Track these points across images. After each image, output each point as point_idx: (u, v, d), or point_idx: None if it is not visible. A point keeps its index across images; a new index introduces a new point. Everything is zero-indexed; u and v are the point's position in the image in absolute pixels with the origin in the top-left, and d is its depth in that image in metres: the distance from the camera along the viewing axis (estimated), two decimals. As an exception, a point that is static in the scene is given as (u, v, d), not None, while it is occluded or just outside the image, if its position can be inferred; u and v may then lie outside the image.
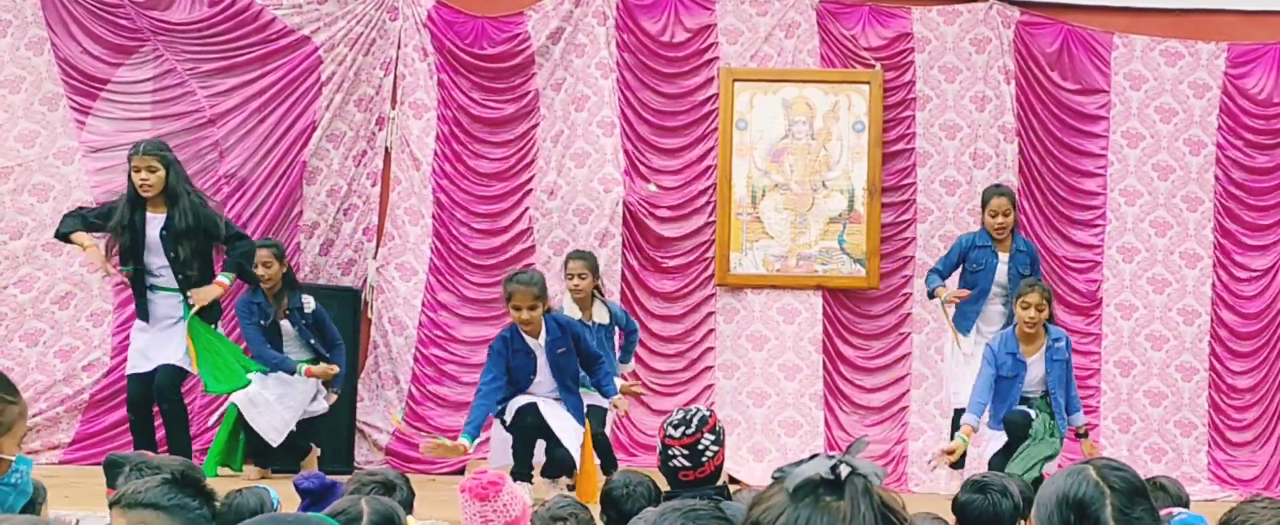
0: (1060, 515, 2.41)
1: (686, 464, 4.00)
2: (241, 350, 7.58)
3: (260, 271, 7.48)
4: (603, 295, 7.58)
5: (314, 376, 7.47)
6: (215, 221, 7.28)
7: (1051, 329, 7.37)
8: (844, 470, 1.56)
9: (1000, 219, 7.79)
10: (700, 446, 4.00)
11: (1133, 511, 2.38)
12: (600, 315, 7.39)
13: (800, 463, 1.60)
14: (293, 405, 7.45)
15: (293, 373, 7.43)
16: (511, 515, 3.73)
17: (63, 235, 7.32)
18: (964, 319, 7.90)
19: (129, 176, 7.17)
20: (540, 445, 6.77)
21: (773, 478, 1.66)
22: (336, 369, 7.53)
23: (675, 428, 4.04)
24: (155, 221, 7.14)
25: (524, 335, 6.75)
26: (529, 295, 6.64)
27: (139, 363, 7.22)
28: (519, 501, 3.76)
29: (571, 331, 6.86)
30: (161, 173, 7.10)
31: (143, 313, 7.25)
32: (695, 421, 4.05)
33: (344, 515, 3.07)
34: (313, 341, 7.53)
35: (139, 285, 7.24)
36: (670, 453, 4.02)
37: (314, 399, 7.54)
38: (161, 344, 7.17)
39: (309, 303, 7.57)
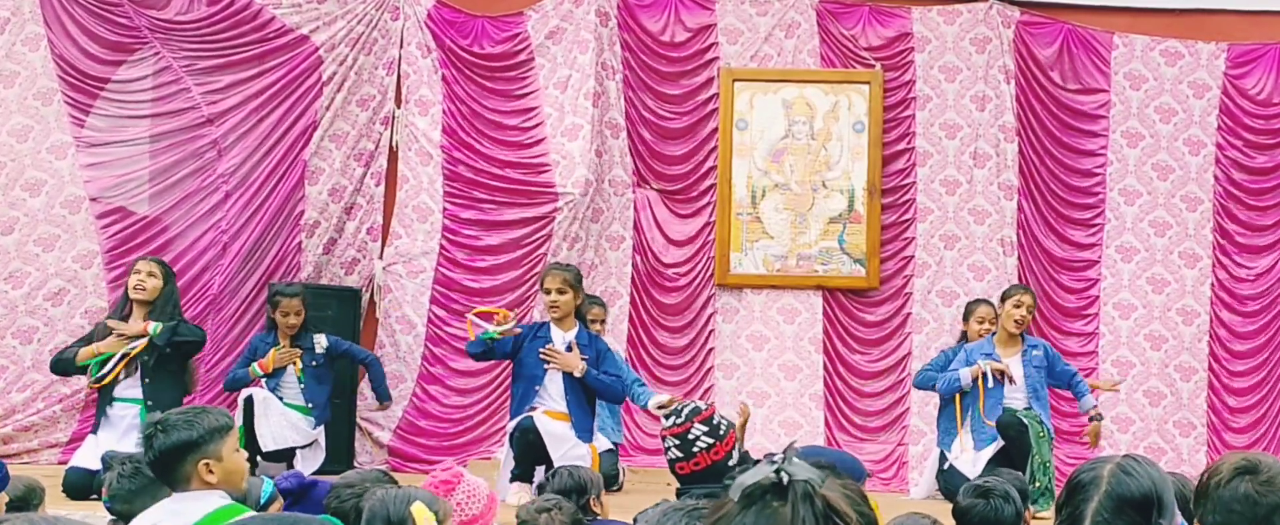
0: (1064, 488, 2.50)
1: (679, 455, 3.99)
2: None
3: (292, 320, 7.37)
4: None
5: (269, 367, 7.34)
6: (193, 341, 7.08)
7: (1027, 338, 7.51)
8: (784, 477, 1.59)
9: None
10: (690, 436, 3.98)
11: (1111, 518, 2.35)
12: None
13: (747, 467, 1.64)
14: (297, 428, 7.41)
15: (249, 381, 7.33)
16: (470, 513, 3.67)
17: (71, 366, 7.08)
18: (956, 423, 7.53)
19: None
20: (539, 476, 6.72)
21: (723, 483, 1.70)
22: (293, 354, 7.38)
23: (666, 418, 4.08)
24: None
25: (552, 327, 6.89)
26: (560, 278, 6.85)
27: (87, 457, 6.72)
28: (479, 499, 3.70)
29: (597, 346, 6.92)
30: (160, 282, 7.03)
31: (97, 424, 6.99)
32: (686, 412, 4.05)
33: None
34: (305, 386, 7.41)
35: (101, 398, 7.02)
36: (665, 444, 4.05)
37: (311, 444, 7.48)
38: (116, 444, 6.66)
39: (320, 342, 7.44)
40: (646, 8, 8.74)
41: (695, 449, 3.97)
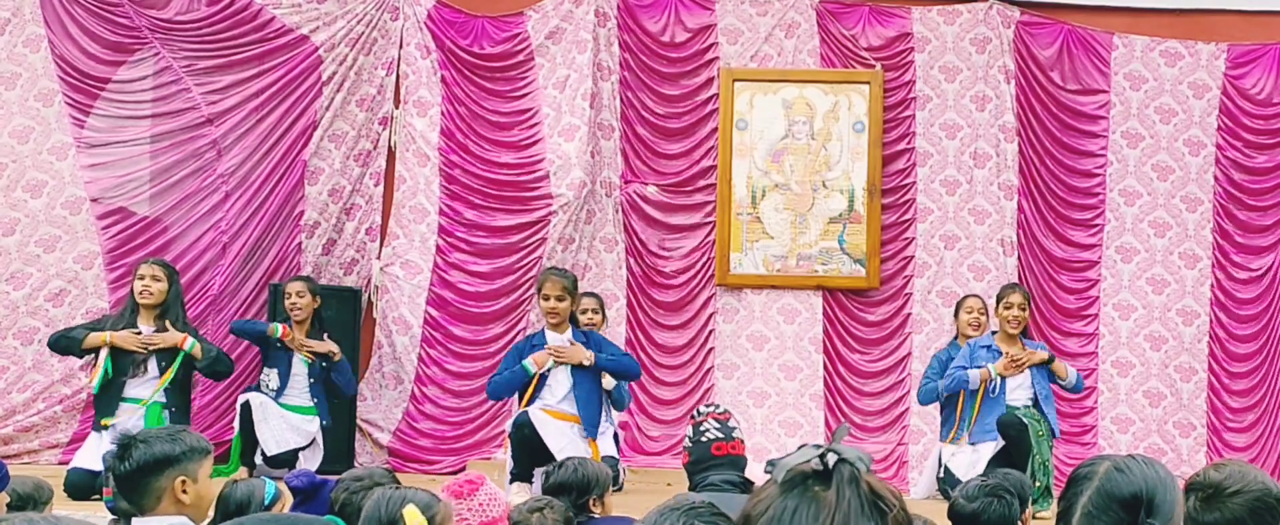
0: (1065, 482, 2.53)
1: (719, 435, 4.29)
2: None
3: (293, 300, 7.49)
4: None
5: (287, 340, 7.47)
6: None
7: (1031, 342, 7.54)
8: (831, 459, 1.55)
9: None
10: (730, 424, 4.36)
11: (1098, 514, 2.37)
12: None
13: (790, 453, 1.59)
14: (298, 429, 7.44)
15: (265, 333, 7.49)
16: (489, 516, 3.73)
17: (75, 346, 7.10)
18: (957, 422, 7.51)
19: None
20: (540, 477, 6.74)
21: (765, 469, 1.66)
22: (333, 350, 7.51)
23: (706, 407, 4.46)
24: (147, 331, 7.08)
25: (548, 332, 6.99)
26: (558, 285, 6.98)
27: (89, 457, 6.67)
28: (498, 504, 3.76)
29: (595, 340, 7.02)
30: (165, 284, 7.10)
31: (102, 422, 6.96)
32: (722, 408, 4.45)
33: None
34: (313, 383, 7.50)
35: (107, 396, 7.00)
36: (702, 427, 4.31)
37: (311, 443, 7.50)
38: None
39: (335, 352, 7.53)
40: (646, 8, 8.74)
41: (734, 434, 4.31)
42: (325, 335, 7.63)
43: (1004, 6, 8.74)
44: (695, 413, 4.40)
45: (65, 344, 7.16)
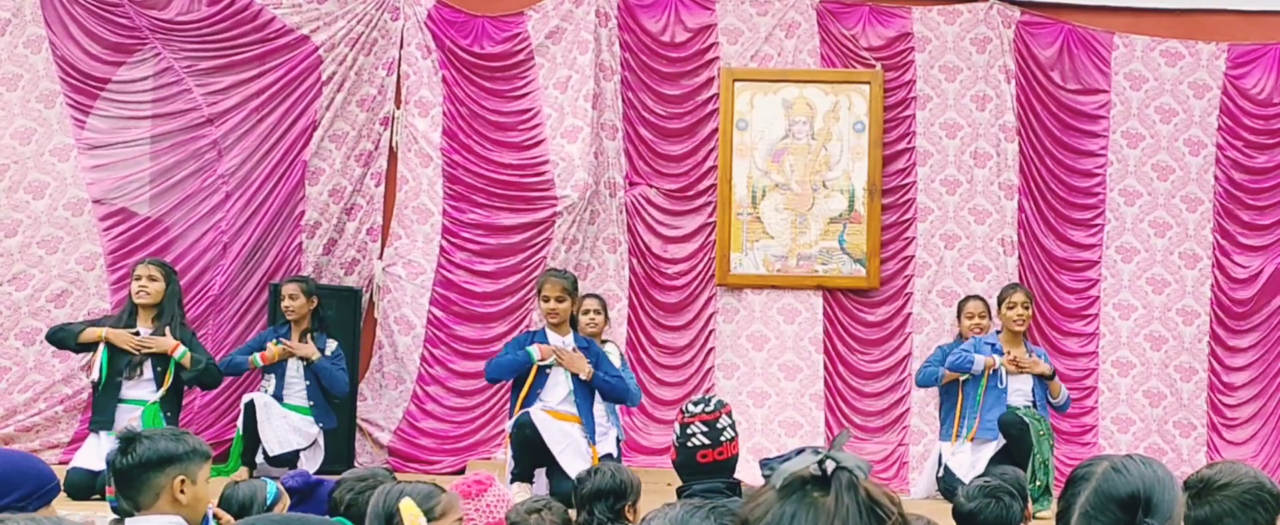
0: (1064, 483, 2.54)
1: (706, 442, 4.01)
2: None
3: (286, 302, 7.49)
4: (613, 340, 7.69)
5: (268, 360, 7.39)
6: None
7: (1030, 346, 7.58)
8: (830, 465, 1.55)
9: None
10: (719, 425, 4.03)
11: (1095, 514, 2.38)
12: (612, 355, 7.42)
13: (787, 457, 1.62)
14: (299, 430, 7.45)
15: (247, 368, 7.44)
16: (495, 516, 3.74)
17: (71, 339, 7.09)
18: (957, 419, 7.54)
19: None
20: (540, 478, 6.75)
21: (761, 471, 1.67)
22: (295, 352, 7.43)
23: (696, 404, 4.10)
24: (145, 332, 7.10)
25: (548, 333, 6.99)
26: (558, 286, 6.97)
27: (90, 458, 6.65)
28: (506, 505, 3.77)
29: (594, 351, 6.99)
30: (161, 284, 7.11)
31: (101, 423, 6.94)
32: (714, 402, 4.12)
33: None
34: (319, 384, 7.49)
35: (105, 398, 7.01)
36: (689, 430, 4.04)
37: (312, 444, 7.51)
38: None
39: (331, 345, 7.53)
40: (647, 8, 8.74)
41: (722, 438, 4.01)
42: (315, 336, 7.55)
43: (1004, 6, 8.74)
44: (684, 409, 4.13)
45: (61, 337, 7.16)
